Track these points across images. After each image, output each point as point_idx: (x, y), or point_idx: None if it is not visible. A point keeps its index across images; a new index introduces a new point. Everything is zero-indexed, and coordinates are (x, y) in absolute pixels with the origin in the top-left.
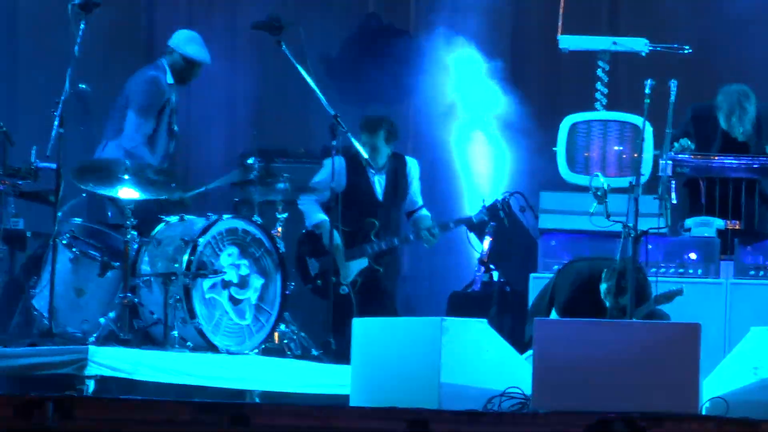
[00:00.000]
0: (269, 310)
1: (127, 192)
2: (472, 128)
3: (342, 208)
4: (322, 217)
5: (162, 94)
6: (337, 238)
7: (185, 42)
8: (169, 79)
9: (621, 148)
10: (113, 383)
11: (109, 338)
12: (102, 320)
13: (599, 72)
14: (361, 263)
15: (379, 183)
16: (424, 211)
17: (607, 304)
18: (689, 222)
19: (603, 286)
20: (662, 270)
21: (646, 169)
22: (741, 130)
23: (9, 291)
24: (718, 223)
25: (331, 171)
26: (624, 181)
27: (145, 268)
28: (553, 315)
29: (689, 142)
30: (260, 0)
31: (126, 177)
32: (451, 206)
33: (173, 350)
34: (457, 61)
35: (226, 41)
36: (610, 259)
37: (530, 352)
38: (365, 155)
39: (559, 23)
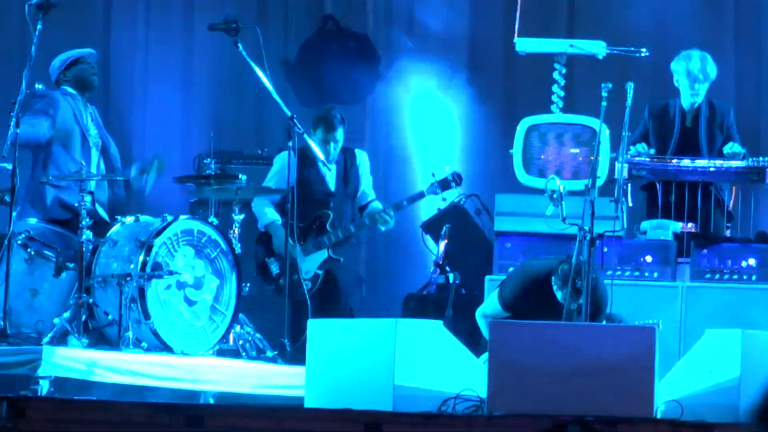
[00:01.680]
0: (224, 311)
1: None
2: (429, 128)
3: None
4: (274, 217)
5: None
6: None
7: (59, 61)
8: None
9: (577, 150)
10: (68, 384)
11: (63, 339)
12: (56, 321)
13: (556, 75)
14: (321, 255)
15: (329, 174)
16: (377, 203)
17: (572, 306)
18: (645, 225)
19: (558, 294)
20: (618, 273)
21: (603, 172)
22: (699, 74)
23: None
24: (674, 226)
25: (281, 167)
26: (580, 184)
27: (100, 268)
28: (493, 299)
29: (646, 148)
30: (217, 1)
31: None
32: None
33: (128, 351)
34: (414, 63)
35: (183, 42)
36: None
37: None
38: (322, 157)
39: (516, 26)
